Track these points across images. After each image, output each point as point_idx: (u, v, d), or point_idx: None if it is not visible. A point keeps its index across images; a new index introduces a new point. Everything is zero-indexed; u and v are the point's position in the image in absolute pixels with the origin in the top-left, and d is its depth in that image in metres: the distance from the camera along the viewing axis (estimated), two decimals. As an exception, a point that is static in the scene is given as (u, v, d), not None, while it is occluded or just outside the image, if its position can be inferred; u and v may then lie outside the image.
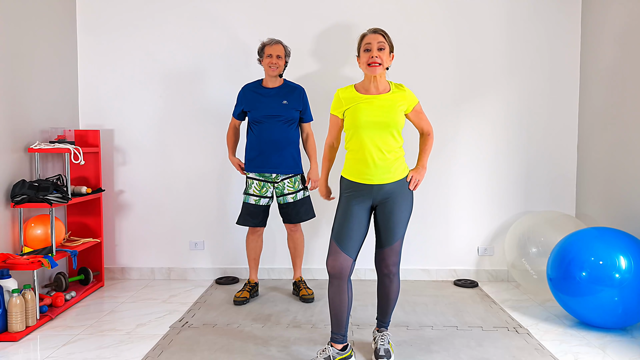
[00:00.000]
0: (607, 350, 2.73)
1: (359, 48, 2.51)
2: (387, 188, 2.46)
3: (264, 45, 3.43)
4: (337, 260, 2.42)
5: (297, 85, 3.51)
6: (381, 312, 2.67)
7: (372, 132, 2.43)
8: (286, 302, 3.51)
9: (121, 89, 4.04)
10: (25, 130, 3.40)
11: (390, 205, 2.48)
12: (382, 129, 2.43)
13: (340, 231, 2.45)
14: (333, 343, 2.52)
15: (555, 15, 3.96)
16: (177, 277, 4.09)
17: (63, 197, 3.30)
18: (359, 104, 2.46)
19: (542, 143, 4.02)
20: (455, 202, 4.04)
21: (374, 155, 2.43)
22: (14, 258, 3.04)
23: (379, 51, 2.43)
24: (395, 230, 2.48)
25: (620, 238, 2.94)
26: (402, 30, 3.97)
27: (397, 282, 2.57)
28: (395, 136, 2.46)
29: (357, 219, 2.45)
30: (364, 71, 2.48)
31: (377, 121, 2.43)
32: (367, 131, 2.43)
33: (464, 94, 4.00)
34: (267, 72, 3.43)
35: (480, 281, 4.03)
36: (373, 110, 2.44)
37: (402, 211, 2.49)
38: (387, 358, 2.54)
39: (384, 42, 2.45)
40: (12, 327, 2.86)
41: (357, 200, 2.48)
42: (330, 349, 2.50)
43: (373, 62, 2.42)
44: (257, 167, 3.44)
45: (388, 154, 2.45)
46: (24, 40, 3.39)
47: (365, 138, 2.44)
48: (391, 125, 2.44)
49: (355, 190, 2.49)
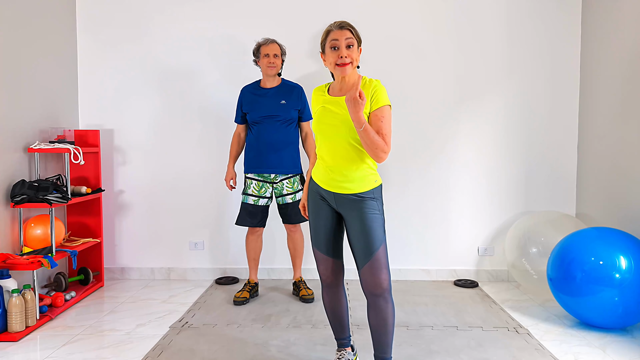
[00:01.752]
0: (608, 350, 2.73)
1: (323, 45, 2.19)
2: (351, 198, 2.16)
3: (260, 45, 3.42)
4: (327, 267, 2.27)
5: (295, 85, 3.50)
6: (379, 346, 2.22)
7: (331, 138, 2.16)
8: (286, 302, 3.51)
9: (121, 89, 4.04)
10: (25, 130, 3.40)
11: (356, 216, 2.15)
12: (343, 135, 2.13)
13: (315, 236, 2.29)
14: (342, 348, 2.45)
15: (555, 15, 3.96)
16: (177, 277, 4.09)
17: (63, 197, 3.30)
18: (324, 106, 2.20)
19: (542, 143, 4.02)
20: (455, 202, 4.04)
21: (331, 162, 2.17)
22: (14, 258, 3.04)
23: (347, 49, 2.12)
24: (370, 241, 2.13)
25: (620, 238, 2.94)
26: (402, 31, 3.97)
27: (392, 304, 2.17)
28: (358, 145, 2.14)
29: (325, 221, 2.25)
30: (332, 71, 2.20)
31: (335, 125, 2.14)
32: (325, 136, 2.18)
33: (464, 93, 4.00)
34: (265, 72, 3.42)
35: (480, 281, 4.03)
36: (332, 116, 2.15)
37: (372, 220, 2.14)
38: None
39: (352, 37, 2.14)
40: (12, 327, 2.86)
41: (324, 203, 2.26)
42: (346, 353, 2.41)
43: (342, 62, 2.12)
44: (255, 167, 3.44)
45: (350, 163, 2.14)
46: (24, 40, 3.39)
47: (324, 143, 2.19)
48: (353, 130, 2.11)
49: (319, 192, 2.27)
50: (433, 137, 4.01)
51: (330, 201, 2.23)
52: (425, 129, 4.00)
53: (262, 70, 3.44)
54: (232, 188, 3.59)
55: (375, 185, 2.19)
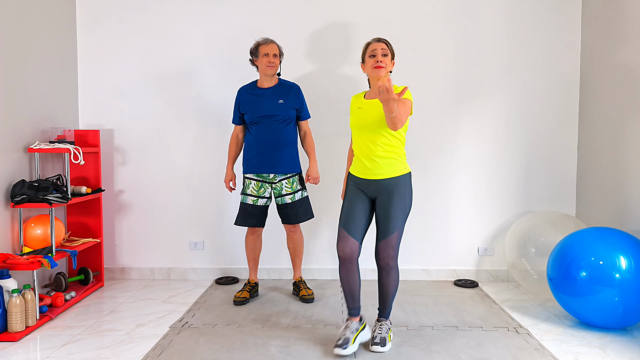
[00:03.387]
0: (608, 350, 2.73)
1: (364, 55, 2.78)
2: (383, 183, 2.69)
3: (259, 45, 3.41)
4: (346, 244, 2.66)
5: (292, 84, 3.49)
6: (381, 304, 2.82)
7: (366, 132, 2.70)
8: (286, 302, 3.51)
9: (121, 89, 4.04)
10: (25, 130, 3.40)
11: (385, 199, 2.68)
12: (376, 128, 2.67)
13: (345, 217, 2.73)
14: (351, 317, 2.75)
15: (555, 15, 3.96)
16: (177, 277, 4.09)
17: (63, 197, 3.30)
18: (360, 107, 2.74)
19: (542, 143, 4.02)
20: (455, 202, 4.04)
21: (367, 153, 2.70)
22: (14, 258, 3.04)
23: (383, 57, 2.70)
24: (389, 224, 2.66)
25: (620, 238, 2.94)
26: (402, 31, 3.97)
27: (395, 275, 2.71)
28: (388, 136, 2.67)
29: (358, 207, 2.73)
30: (370, 74, 2.74)
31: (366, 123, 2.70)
32: (361, 131, 2.72)
33: (464, 93, 4.00)
34: (263, 71, 3.41)
35: (480, 281, 4.03)
36: (367, 113, 2.70)
37: (396, 207, 2.66)
38: (381, 345, 2.67)
39: (387, 49, 2.72)
40: (12, 327, 2.86)
41: (360, 192, 2.75)
42: (351, 324, 2.72)
43: (378, 65, 2.67)
44: (254, 167, 3.43)
45: (382, 152, 2.67)
46: (24, 40, 3.39)
47: (360, 137, 2.72)
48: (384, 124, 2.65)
49: (356, 183, 2.78)
50: (433, 136, 4.01)
51: (367, 190, 2.73)
52: (426, 128, 4.00)
53: (260, 70, 3.43)
54: (232, 189, 3.59)
55: (405, 172, 2.72)
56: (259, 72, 3.45)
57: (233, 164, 3.58)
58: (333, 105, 3.98)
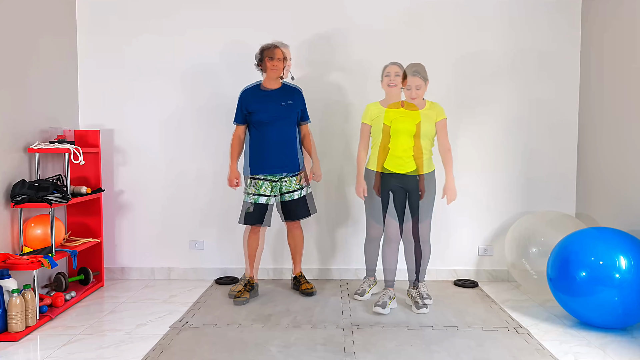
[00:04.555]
0: (608, 350, 2.73)
1: (382, 74, 3.51)
2: (411, 178, 3.31)
3: (264, 49, 3.46)
4: (377, 230, 3.48)
5: (295, 87, 3.57)
6: (419, 271, 3.45)
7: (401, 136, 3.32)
8: (286, 302, 3.51)
9: (121, 89, 4.04)
10: (25, 130, 3.40)
11: (416, 192, 3.34)
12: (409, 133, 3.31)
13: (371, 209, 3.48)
14: (367, 278, 3.62)
15: (555, 16, 3.96)
16: (177, 277, 4.09)
17: (63, 197, 3.30)
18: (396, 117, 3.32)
19: (542, 143, 4.02)
20: (455, 202, 4.02)
21: (401, 153, 3.29)
22: (14, 258, 3.04)
23: (395, 76, 3.45)
24: (421, 214, 3.36)
25: (620, 238, 2.94)
26: (402, 31, 3.97)
27: (429, 247, 3.45)
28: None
29: (384, 199, 3.37)
30: (386, 90, 3.50)
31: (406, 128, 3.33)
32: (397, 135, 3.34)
33: (464, 93, 4.00)
34: (268, 74, 3.46)
35: (480, 281, 4.03)
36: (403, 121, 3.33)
37: (425, 199, 3.35)
38: (425, 307, 3.29)
39: (399, 70, 3.46)
40: (12, 327, 2.86)
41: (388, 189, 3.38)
42: (368, 280, 3.63)
43: (391, 84, 3.46)
44: (267, 168, 3.47)
45: (413, 152, 3.29)
46: (25, 41, 3.39)
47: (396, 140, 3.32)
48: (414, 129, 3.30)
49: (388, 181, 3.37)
50: (433, 137, 4.00)
51: (398, 183, 3.33)
52: (425, 129, 4.00)
53: (266, 72, 3.47)
54: (237, 187, 3.59)
55: (432, 169, 3.39)
56: (265, 74, 3.50)
57: (236, 163, 3.60)
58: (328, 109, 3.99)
